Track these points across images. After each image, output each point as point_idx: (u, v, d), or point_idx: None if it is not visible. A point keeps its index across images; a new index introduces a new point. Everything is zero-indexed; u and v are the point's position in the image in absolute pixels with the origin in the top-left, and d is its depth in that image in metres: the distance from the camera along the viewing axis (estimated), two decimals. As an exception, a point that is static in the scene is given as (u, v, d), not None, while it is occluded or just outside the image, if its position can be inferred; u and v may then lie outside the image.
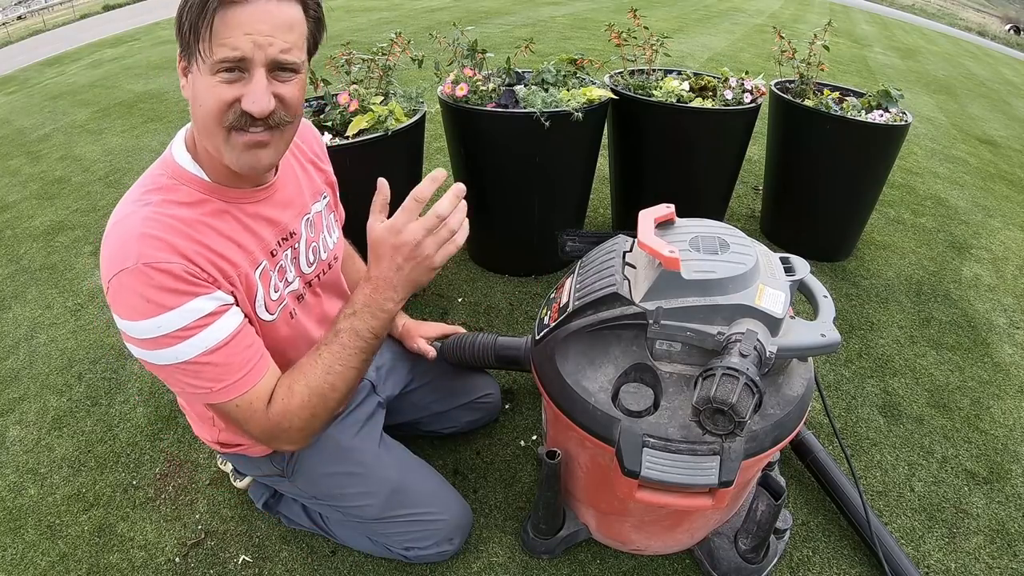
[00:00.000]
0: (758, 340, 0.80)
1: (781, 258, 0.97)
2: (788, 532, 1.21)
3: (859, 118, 1.99)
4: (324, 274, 1.08)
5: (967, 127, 4.50)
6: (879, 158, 2.08)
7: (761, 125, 2.25)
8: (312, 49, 0.83)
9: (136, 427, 1.57)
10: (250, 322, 0.88)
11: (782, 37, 2.22)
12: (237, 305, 0.85)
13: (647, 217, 0.94)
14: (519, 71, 1.99)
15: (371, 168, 1.62)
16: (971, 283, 2.26)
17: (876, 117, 2.01)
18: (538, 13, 7.73)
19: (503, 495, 1.36)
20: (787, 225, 2.36)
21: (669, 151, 2.07)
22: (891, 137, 2.03)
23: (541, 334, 1.03)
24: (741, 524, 1.12)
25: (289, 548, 1.26)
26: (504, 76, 1.94)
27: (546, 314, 1.06)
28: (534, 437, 1.50)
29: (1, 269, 2.37)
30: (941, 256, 2.43)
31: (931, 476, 1.45)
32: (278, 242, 0.94)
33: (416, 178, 1.86)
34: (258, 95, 0.75)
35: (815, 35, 2.15)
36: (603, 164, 2.53)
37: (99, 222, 2.66)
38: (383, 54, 1.82)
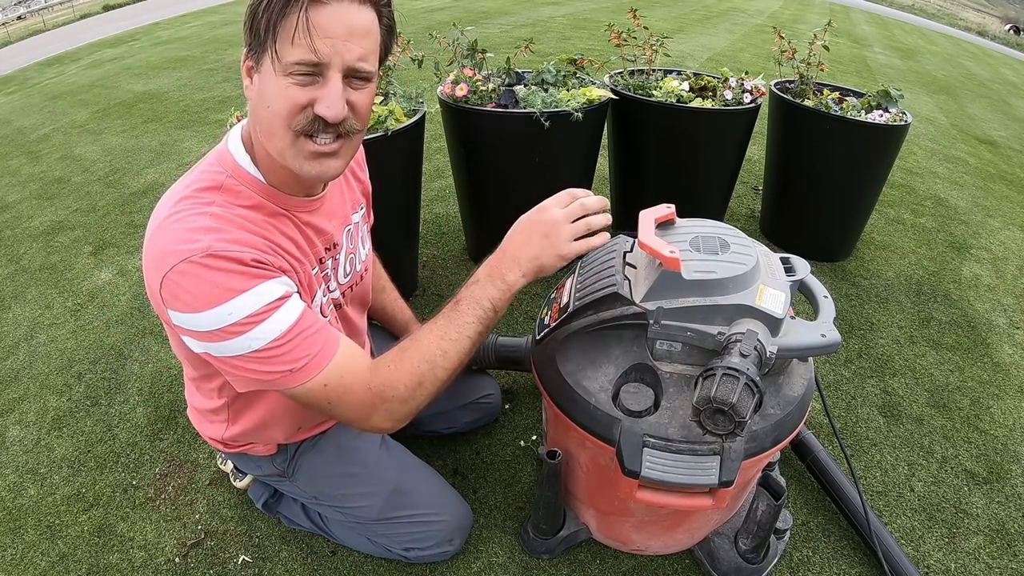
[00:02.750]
0: (758, 340, 0.80)
1: (781, 258, 0.97)
2: (788, 532, 1.21)
3: (859, 118, 1.99)
4: (356, 285, 1.08)
5: (967, 127, 4.50)
6: (879, 158, 2.08)
7: (761, 125, 2.25)
8: (383, 57, 0.81)
9: (136, 427, 1.57)
10: None
11: (782, 37, 2.22)
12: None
13: (647, 217, 0.94)
14: (519, 71, 1.99)
15: (371, 168, 1.63)
16: (971, 283, 2.26)
17: (876, 117, 2.01)
18: (538, 13, 7.73)
19: (503, 495, 1.36)
20: (787, 225, 2.36)
21: (669, 151, 2.07)
22: (891, 137, 2.03)
23: (541, 334, 1.03)
24: (741, 524, 1.12)
25: (289, 548, 1.26)
26: (504, 76, 1.94)
27: (546, 314, 1.06)
28: (534, 437, 1.50)
29: (1, 269, 2.37)
30: (941, 256, 2.43)
31: (931, 476, 1.45)
32: (325, 250, 0.95)
33: (416, 178, 1.86)
34: (333, 99, 0.74)
35: (815, 35, 2.15)
36: (603, 164, 2.53)
37: (99, 222, 2.66)
38: (383, 54, 1.82)
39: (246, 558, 1.24)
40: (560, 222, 0.86)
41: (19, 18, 22.51)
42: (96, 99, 4.68)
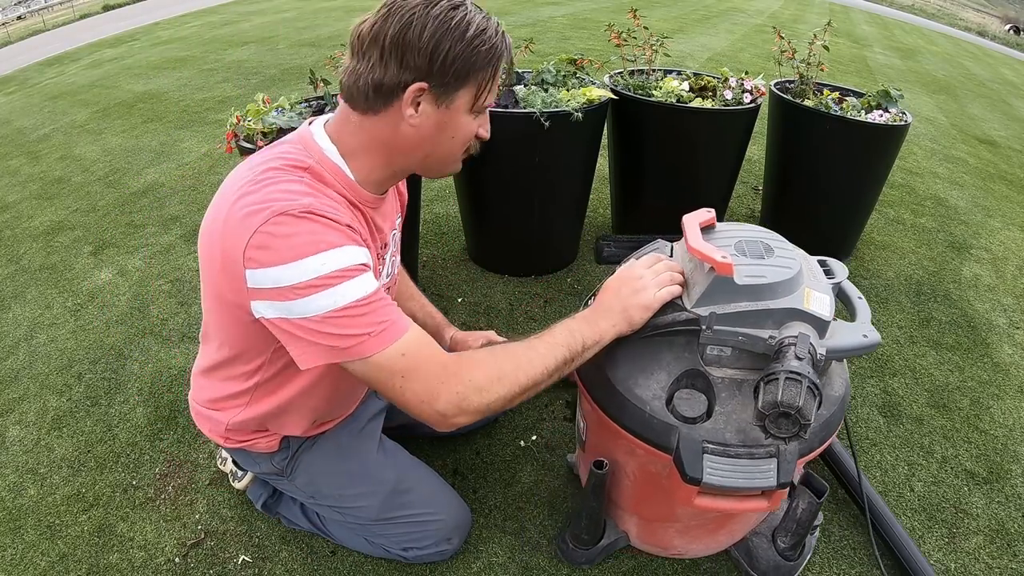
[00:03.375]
0: (811, 343, 0.81)
1: (819, 261, 0.98)
2: (818, 528, 1.22)
3: (859, 118, 1.99)
4: (391, 288, 1.10)
5: (967, 127, 4.50)
6: (879, 158, 2.08)
7: (761, 125, 2.25)
8: None
9: (136, 427, 1.57)
10: None
11: (782, 37, 2.22)
12: None
13: (693, 221, 0.93)
14: (519, 71, 1.99)
15: (371, 168, 1.63)
16: (971, 283, 2.26)
17: (876, 117, 2.01)
18: (538, 13, 7.73)
19: (503, 495, 1.36)
20: (787, 225, 2.33)
21: (669, 151, 2.06)
22: (891, 137, 2.03)
23: None
24: (779, 522, 1.12)
25: (289, 548, 1.26)
26: (504, 76, 1.94)
27: None
28: (534, 437, 1.50)
29: (1, 269, 2.37)
30: (941, 256, 2.43)
31: (931, 476, 1.45)
32: (382, 246, 0.99)
33: (416, 177, 1.86)
34: (489, 125, 0.93)
35: (815, 35, 2.15)
36: (603, 164, 2.53)
37: (99, 222, 2.66)
38: (383, 54, 1.82)
39: (246, 558, 1.24)
40: (647, 278, 0.93)
41: (19, 18, 22.52)
42: (96, 99, 4.68)
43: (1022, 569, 1.25)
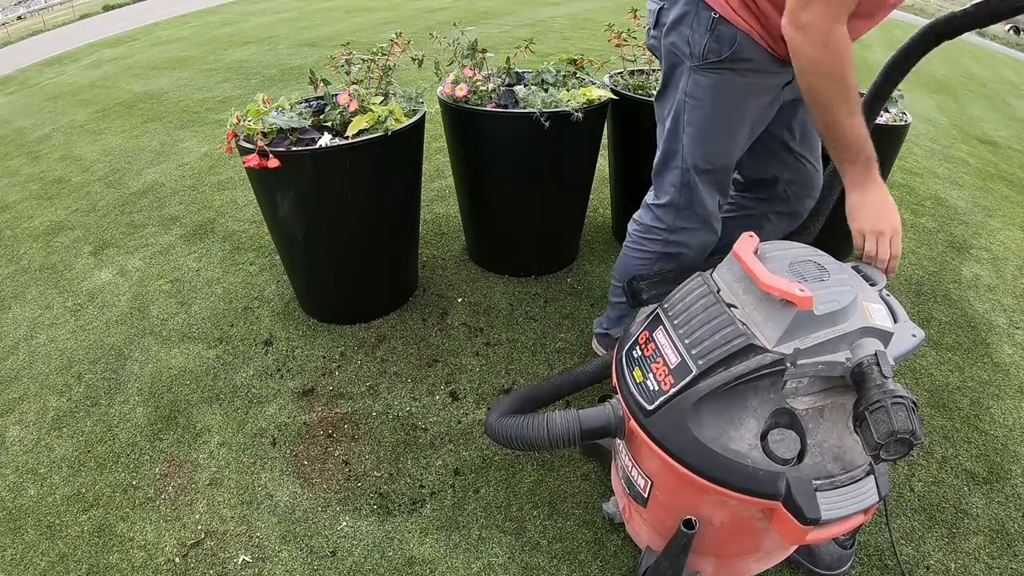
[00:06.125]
0: (887, 358, 0.81)
1: (852, 267, 0.98)
2: None
3: (859, 118, 1.99)
4: None
5: (967, 127, 4.50)
6: (879, 158, 2.07)
7: (761, 125, 2.25)
8: None
9: (136, 427, 1.57)
10: None
11: (782, 37, 2.21)
12: None
13: (751, 255, 0.90)
14: (519, 71, 1.99)
15: (371, 168, 1.63)
16: (971, 283, 2.26)
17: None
18: (538, 13, 7.73)
19: (504, 495, 1.36)
20: (787, 225, 2.35)
21: (669, 151, 2.06)
22: (891, 137, 2.03)
23: (657, 402, 0.93)
24: None
25: (289, 548, 1.26)
26: (504, 76, 1.94)
27: (648, 377, 0.96)
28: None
29: (1, 269, 2.37)
30: (941, 256, 2.43)
31: (931, 476, 1.45)
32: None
33: (416, 178, 1.86)
34: None
35: (815, 35, 2.14)
36: (603, 164, 2.53)
37: (99, 222, 2.66)
38: (383, 54, 1.82)
39: (246, 558, 1.24)
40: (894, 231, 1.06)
41: (19, 18, 22.52)
42: (96, 99, 4.69)
43: (1022, 569, 1.25)
